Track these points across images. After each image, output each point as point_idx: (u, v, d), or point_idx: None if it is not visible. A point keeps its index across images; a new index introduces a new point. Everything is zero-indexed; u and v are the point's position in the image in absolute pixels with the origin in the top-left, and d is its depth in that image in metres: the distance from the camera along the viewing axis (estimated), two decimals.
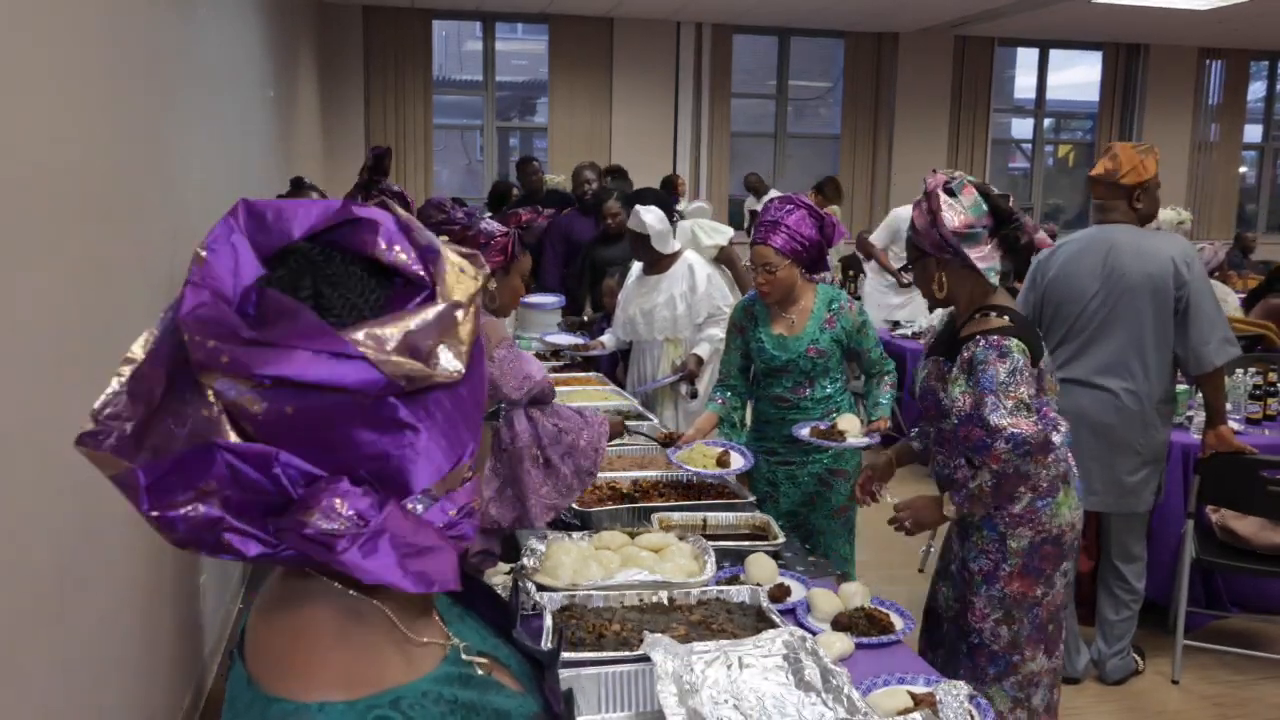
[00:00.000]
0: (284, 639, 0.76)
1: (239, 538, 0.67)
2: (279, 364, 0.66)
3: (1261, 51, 12.40)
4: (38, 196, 1.91)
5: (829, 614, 2.15)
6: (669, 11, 10.30)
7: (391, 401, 0.69)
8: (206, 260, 0.69)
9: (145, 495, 0.68)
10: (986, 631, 2.43)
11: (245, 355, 0.66)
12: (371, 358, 0.67)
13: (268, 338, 0.66)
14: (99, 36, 2.36)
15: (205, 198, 3.35)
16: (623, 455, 3.20)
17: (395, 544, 0.68)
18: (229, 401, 0.68)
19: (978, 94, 11.64)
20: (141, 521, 0.69)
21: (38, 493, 1.87)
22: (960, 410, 2.32)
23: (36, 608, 1.85)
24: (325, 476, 0.68)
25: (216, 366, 0.67)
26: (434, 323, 0.70)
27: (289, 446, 0.68)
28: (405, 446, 0.70)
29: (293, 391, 0.67)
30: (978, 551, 2.43)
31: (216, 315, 0.67)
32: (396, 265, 0.72)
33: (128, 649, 2.43)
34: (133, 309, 2.59)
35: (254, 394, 0.67)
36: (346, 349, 0.66)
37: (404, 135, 10.27)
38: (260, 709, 0.73)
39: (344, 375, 0.67)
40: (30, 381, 1.84)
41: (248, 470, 0.67)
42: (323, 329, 0.66)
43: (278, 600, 0.78)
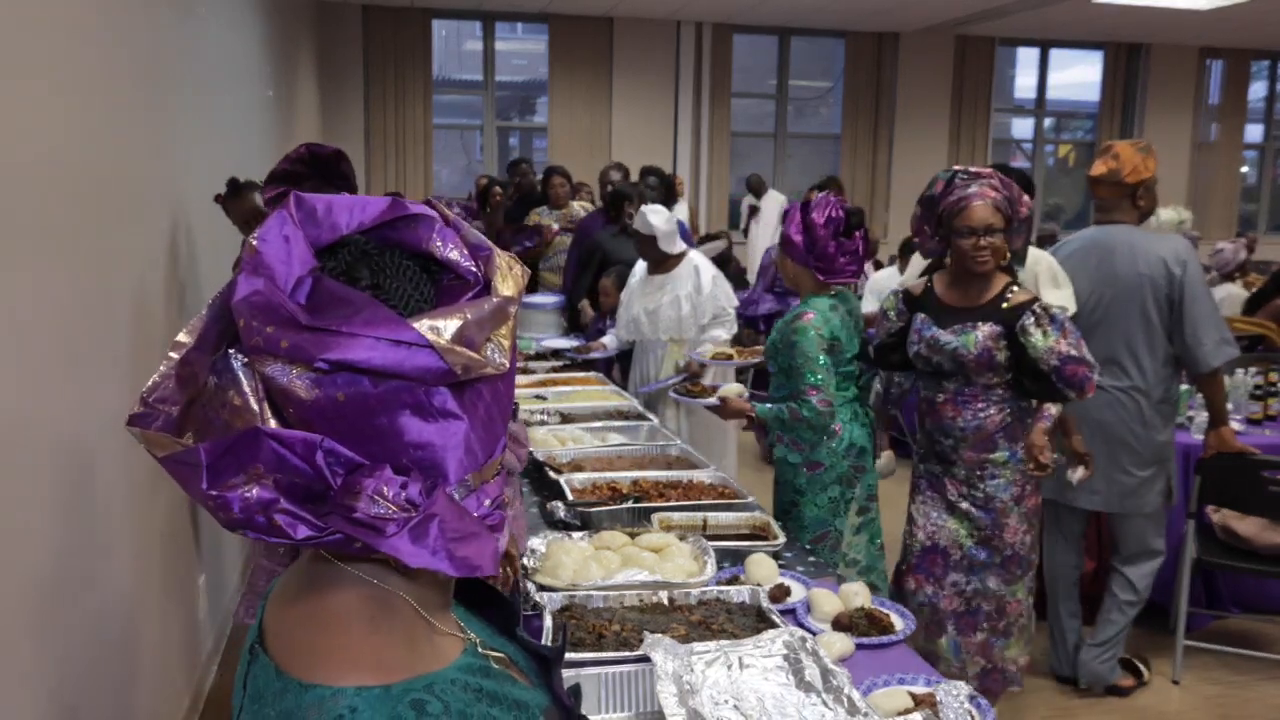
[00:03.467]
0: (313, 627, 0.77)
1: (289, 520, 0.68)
2: (342, 349, 0.68)
3: (1262, 51, 12.40)
4: (36, 196, 1.90)
5: (829, 614, 2.15)
6: (669, 11, 10.30)
7: (443, 391, 0.71)
8: (259, 250, 0.71)
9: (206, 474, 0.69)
10: (1018, 543, 2.85)
11: (306, 341, 0.68)
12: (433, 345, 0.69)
13: (329, 324, 0.68)
14: (98, 36, 2.36)
15: (204, 198, 3.34)
16: (623, 455, 3.20)
17: (443, 529, 0.70)
18: (278, 387, 0.69)
19: (978, 94, 11.64)
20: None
21: (37, 492, 1.87)
22: (1061, 353, 2.70)
23: (35, 608, 1.85)
24: (366, 464, 0.70)
25: (275, 351, 0.69)
26: (488, 316, 0.73)
27: (333, 434, 0.69)
28: (450, 436, 0.72)
29: (350, 377, 0.69)
30: (1005, 483, 2.82)
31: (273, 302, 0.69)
32: (449, 261, 0.75)
33: (127, 650, 2.43)
34: (132, 308, 2.59)
35: (307, 380, 0.69)
36: (412, 337, 0.68)
37: (404, 135, 10.27)
38: (295, 696, 0.73)
39: (406, 362, 0.68)
40: (30, 381, 1.84)
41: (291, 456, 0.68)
42: (390, 317, 0.69)
43: (303, 589, 0.79)
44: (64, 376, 2.02)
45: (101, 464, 2.25)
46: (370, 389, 0.69)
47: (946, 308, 2.88)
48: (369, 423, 0.70)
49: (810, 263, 3.03)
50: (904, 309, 3.00)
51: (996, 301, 2.81)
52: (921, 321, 2.91)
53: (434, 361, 0.69)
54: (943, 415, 2.88)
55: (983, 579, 2.85)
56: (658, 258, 4.51)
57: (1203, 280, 3.30)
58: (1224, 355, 3.24)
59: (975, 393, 2.83)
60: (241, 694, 0.82)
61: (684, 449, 3.29)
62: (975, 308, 2.83)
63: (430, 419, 0.71)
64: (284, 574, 0.86)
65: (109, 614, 2.28)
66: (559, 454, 3.15)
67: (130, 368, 2.54)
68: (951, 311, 2.86)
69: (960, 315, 2.83)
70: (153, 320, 2.78)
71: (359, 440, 0.70)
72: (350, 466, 0.70)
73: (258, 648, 0.80)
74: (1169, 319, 3.27)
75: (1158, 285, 3.25)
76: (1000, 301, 2.80)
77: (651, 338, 4.56)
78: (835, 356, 2.99)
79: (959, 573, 2.86)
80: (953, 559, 2.87)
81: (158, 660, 2.72)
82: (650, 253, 4.51)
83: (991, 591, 2.85)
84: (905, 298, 3.01)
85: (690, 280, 4.49)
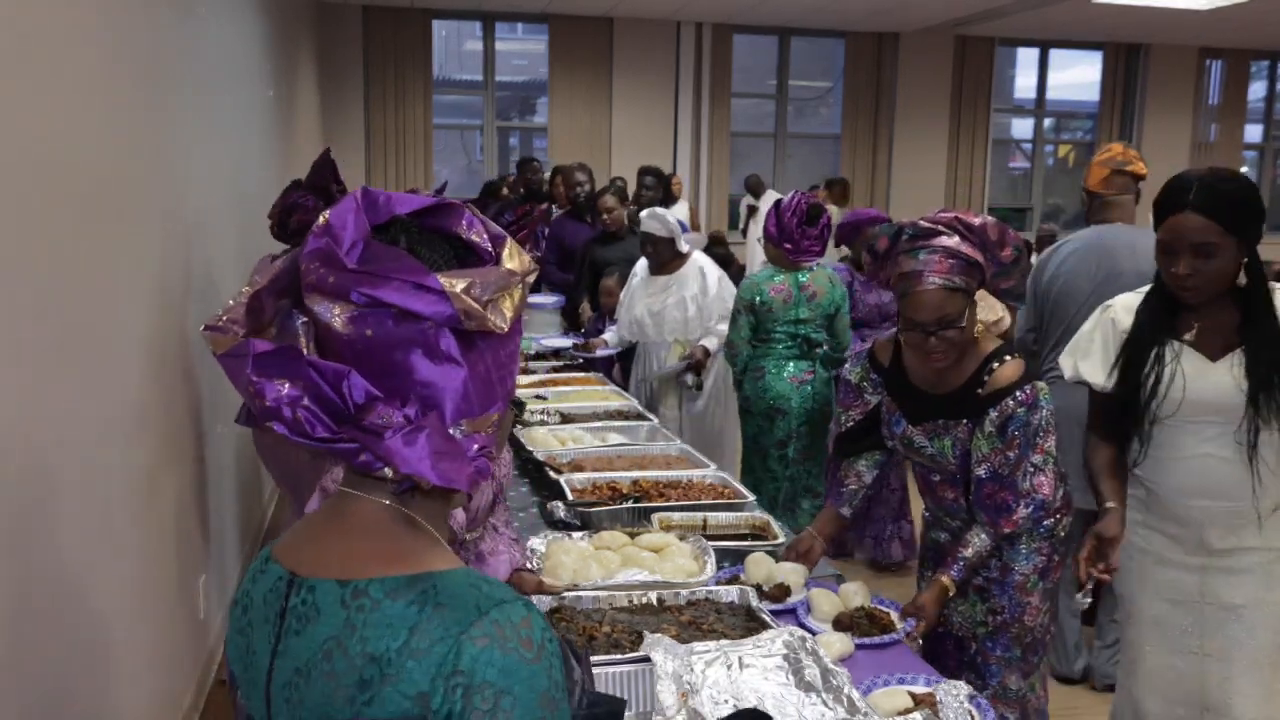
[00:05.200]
0: (346, 540, 0.93)
1: (309, 417, 0.86)
2: (374, 288, 0.86)
3: (1262, 51, 12.39)
4: (36, 196, 1.91)
5: (829, 614, 2.15)
6: (669, 11, 10.30)
7: (449, 337, 0.88)
8: (329, 219, 0.90)
9: (252, 362, 0.86)
10: (1038, 626, 2.37)
11: (348, 279, 0.87)
12: (446, 291, 0.87)
13: (368, 269, 0.87)
14: (98, 37, 2.36)
15: (204, 197, 3.35)
16: (623, 455, 3.20)
17: (430, 442, 0.86)
18: (322, 324, 0.88)
19: (978, 94, 11.63)
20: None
21: (37, 492, 1.87)
22: (990, 468, 2.23)
23: (36, 608, 1.85)
24: (381, 396, 0.87)
25: (323, 287, 0.88)
26: (493, 281, 0.90)
27: (358, 367, 0.87)
28: (450, 379, 0.89)
29: (377, 315, 0.86)
30: (1028, 553, 2.32)
31: (328, 251, 0.88)
32: (471, 242, 0.95)
33: (127, 649, 2.43)
34: (130, 307, 2.59)
35: (344, 317, 0.87)
36: (430, 282, 0.86)
37: (404, 135, 10.27)
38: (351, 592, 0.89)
39: (422, 303, 0.86)
40: (30, 380, 1.84)
41: (322, 382, 0.86)
42: (415, 266, 0.88)
43: (333, 516, 0.96)
44: (64, 376, 2.02)
45: (100, 465, 2.25)
46: (393, 327, 0.86)
47: (916, 393, 2.36)
48: (388, 357, 0.87)
49: (783, 245, 3.92)
50: (878, 380, 2.47)
51: (973, 385, 2.26)
52: (889, 411, 2.43)
53: (445, 306, 0.87)
54: (943, 497, 2.42)
55: (1001, 680, 2.37)
56: (668, 258, 4.47)
57: None
58: None
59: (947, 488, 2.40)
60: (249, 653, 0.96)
61: (684, 449, 3.29)
62: (946, 397, 2.30)
63: (436, 361, 0.88)
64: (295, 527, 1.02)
65: (109, 614, 2.28)
66: (559, 454, 3.15)
67: (130, 367, 2.54)
68: (922, 401, 2.35)
69: (931, 407, 2.32)
70: (153, 320, 2.78)
71: (378, 375, 0.87)
72: (369, 397, 0.86)
73: (297, 580, 0.93)
74: None
75: None
76: (977, 385, 2.25)
77: (655, 339, 4.52)
78: (759, 319, 3.95)
79: (972, 672, 2.38)
80: (967, 653, 2.40)
81: (158, 660, 2.72)
82: (663, 254, 4.47)
83: (1013, 694, 2.38)
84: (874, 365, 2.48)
85: (696, 281, 4.46)
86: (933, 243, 2.17)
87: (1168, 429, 2.22)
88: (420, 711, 0.83)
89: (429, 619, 0.85)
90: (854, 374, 2.54)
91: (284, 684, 0.91)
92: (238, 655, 0.99)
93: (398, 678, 0.84)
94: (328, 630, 0.88)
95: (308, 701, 0.88)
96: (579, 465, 3.07)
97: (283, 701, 0.91)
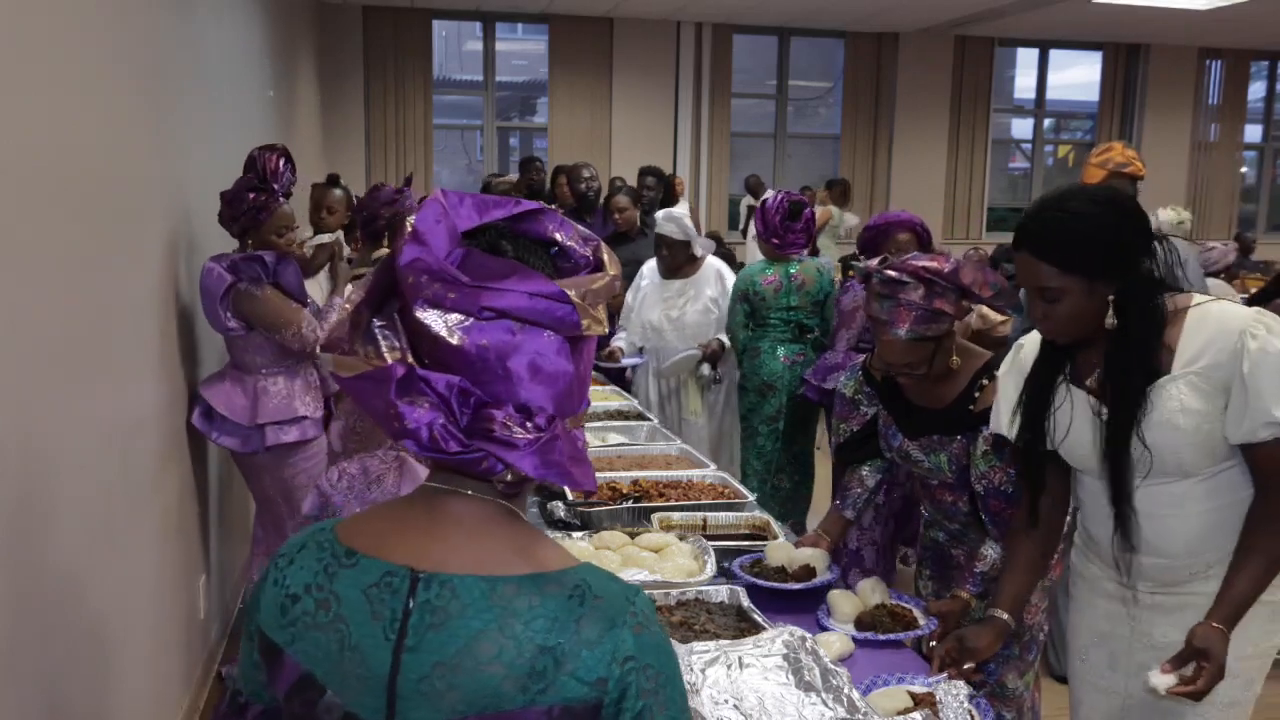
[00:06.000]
0: (462, 536, 0.96)
1: (444, 434, 0.88)
2: (502, 300, 0.89)
3: (1261, 51, 12.39)
4: (36, 196, 1.91)
5: (850, 615, 2.15)
6: (669, 11, 10.30)
7: (564, 342, 0.92)
8: (417, 228, 0.91)
9: (395, 387, 0.89)
10: (1036, 625, 2.37)
11: (472, 295, 0.89)
12: (576, 305, 0.90)
13: (486, 283, 0.89)
14: (99, 37, 2.36)
15: (205, 198, 3.34)
16: (623, 455, 3.20)
17: (562, 450, 0.91)
18: (428, 335, 0.90)
19: (978, 94, 11.63)
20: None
21: (38, 493, 1.87)
22: (990, 486, 2.23)
23: (36, 608, 1.85)
24: (492, 401, 0.90)
25: (442, 303, 0.90)
26: (602, 289, 0.94)
27: (468, 376, 0.90)
28: (561, 382, 0.92)
29: (496, 326, 0.90)
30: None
31: (434, 266, 0.90)
32: (567, 247, 0.98)
33: (127, 649, 2.43)
34: (133, 309, 2.59)
35: (461, 329, 0.89)
36: (555, 293, 0.90)
37: (404, 135, 10.26)
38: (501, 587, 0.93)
39: (548, 313, 0.90)
40: (30, 380, 1.84)
41: (436, 413, 0.89)
42: (538, 277, 0.91)
43: (431, 510, 0.98)
44: (64, 378, 2.02)
45: (101, 465, 2.25)
46: (510, 337, 0.90)
47: (910, 408, 2.39)
48: (503, 365, 0.90)
49: (769, 239, 4.20)
50: (872, 392, 2.52)
51: (964, 401, 2.28)
52: (885, 425, 2.46)
53: (570, 314, 0.90)
54: (942, 501, 2.43)
55: (999, 678, 2.36)
56: (682, 262, 4.40)
57: (1202, 281, 3.30)
58: None
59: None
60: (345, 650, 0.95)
61: (684, 449, 3.29)
62: (941, 411, 2.32)
63: (549, 366, 0.91)
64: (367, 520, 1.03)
65: (109, 614, 2.28)
66: None
67: (129, 368, 2.54)
68: (917, 415, 2.37)
69: (926, 422, 2.35)
70: (153, 319, 2.78)
71: (488, 382, 0.90)
72: (479, 404, 0.89)
73: (425, 575, 0.94)
74: None
75: None
76: (968, 401, 2.28)
77: (677, 345, 4.39)
78: (754, 307, 4.23)
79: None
80: None
81: (158, 660, 2.72)
82: (678, 257, 4.39)
83: (1009, 692, 2.38)
84: (868, 379, 2.54)
85: (715, 285, 4.40)
86: (899, 295, 2.20)
87: (1082, 480, 1.97)
88: (598, 695, 0.92)
89: (592, 611, 0.93)
90: (848, 387, 2.60)
91: (420, 678, 0.93)
92: (321, 654, 0.97)
93: (574, 666, 0.92)
94: (477, 624, 0.92)
95: (463, 692, 0.92)
96: None
97: (418, 695, 0.93)
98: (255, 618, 1.02)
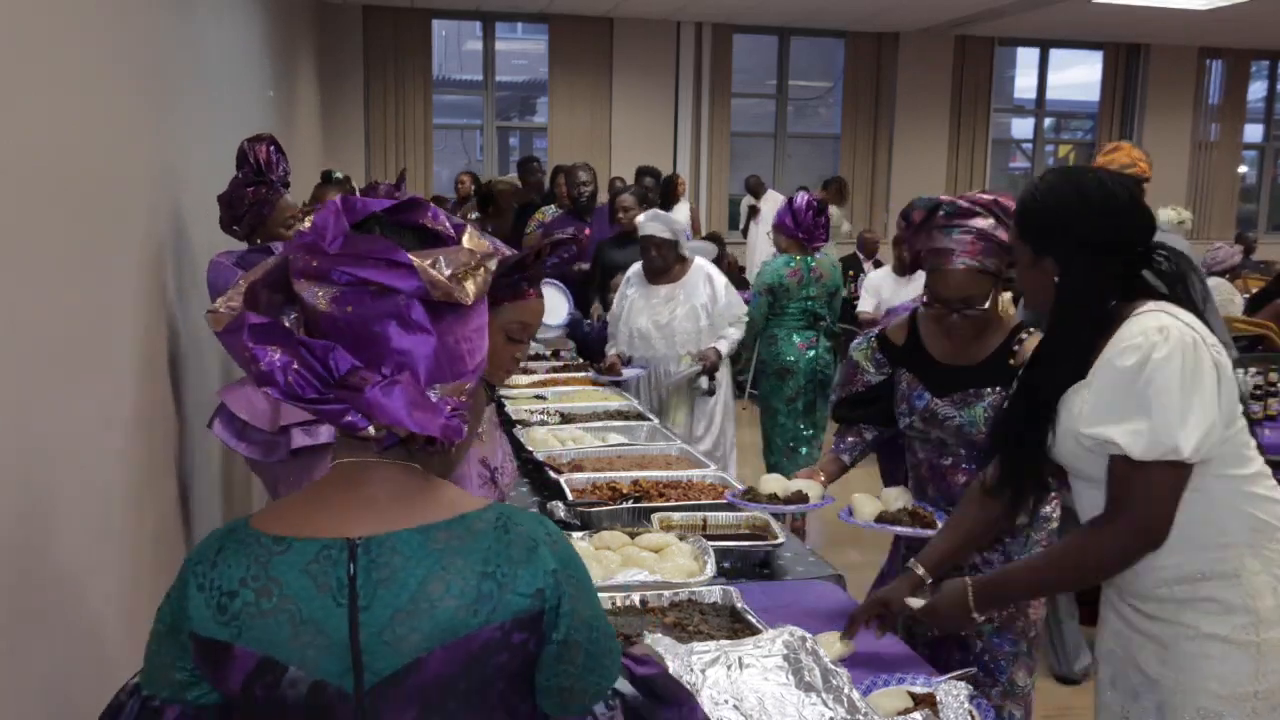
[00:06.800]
0: (386, 499, 1.08)
1: (300, 381, 1.00)
2: (354, 267, 1.01)
3: (1261, 51, 12.39)
4: (34, 196, 1.91)
5: (871, 514, 2.21)
6: (669, 11, 10.30)
7: (419, 307, 1.01)
8: (314, 219, 1.05)
9: (248, 331, 1.00)
10: (1040, 619, 2.36)
11: (331, 262, 1.01)
12: (416, 266, 1.01)
13: (348, 252, 1.01)
14: (98, 36, 2.36)
15: (204, 198, 3.34)
16: (623, 455, 3.20)
17: (405, 394, 1.00)
18: (309, 306, 1.02)
19: (978, 94, 11.63)
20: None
21: (36, 492, 1.87)
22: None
23: (35, 608, 1.85)
24: (362, 366, 1.01)
25: (309, 272, 1.02)
26: (454, 258, 1.04)
27: (341, 342, 1.01)
28: (421, 346, 1.02)
29: (357, 292, 1.00)
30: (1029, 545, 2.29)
31: (313, 241, 1.03)
32: (436, 229, 1.09)
33: (127, 649, 2.43)
34: (129, 309, 2.59)
35: (328, 297, 1.00)
36: (402, 259, 1.01)
37: (404, 135, 10.27)
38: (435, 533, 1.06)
39: (396, 278, 1.00)
40: (30, 380, 1.84)
41: (309, 356, 1.00)
42: (389, 246, 1.02)
43: (346, 484, 1.09)
44: (64, 377, 2.02)
45: (100, 465, 2.25)
46: (370, 302, 1.00)
47: (939, 367, 2.34)
48: (367, 330, 1.01)
49: (798, 235, 4.79)
50: (883, 360, 2.50)
51: (1001, 356, 2.26)
52: (909, 385, 2.40)
53: (414, 279, 1.01)
54: (952, 483, 2.37)
55: (1010, 676, 2.33)
56: (671, 263, 4.26)
57: (1203, 281, 3.28)
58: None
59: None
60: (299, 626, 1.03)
61: (684, 449, 3.29)
62: (975, 367, 2.29)
63: (409, 330, 1.01)
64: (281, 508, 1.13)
65: (109, 614, 2.28)
66: (559, 454, 3.15)
67: (130, 367, 2.54)
68: (947, 373, 2.33)
69: (959, 378, 2.30)
70: (152, 319, 2.77)
71: (359, 346, 1.01)
72: (351, 366, 1.00)
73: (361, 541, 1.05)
74: None
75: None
76: (1005, 355, 2.26)
77: (665, 353, 4.26)
78: (776, 297, 4.80)
79: (980, 670, 2.29)
80: (973, 652, 2.33)
81: None
82: (667, 258, 4.25)
83: (1019, 690, 2.34)
84: (883, 346, 2.51)
85: (704, 290, 4.26)
86: (968, 223, 2.19)
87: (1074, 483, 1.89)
88: (539, 604, 1.06)
89: (516, 537, 1.08)
90: (858, 352, 2.58)
91: (379, 630, 1.03)
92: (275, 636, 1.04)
93: (513, 584, 1.06)
94: (422, 570, 1.04)
95: (423, 631, 1.03)
96: (579, 465, 3.07)
97: (381, 645, 1.03)
98: (185, 626, 1.07)
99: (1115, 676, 1.87)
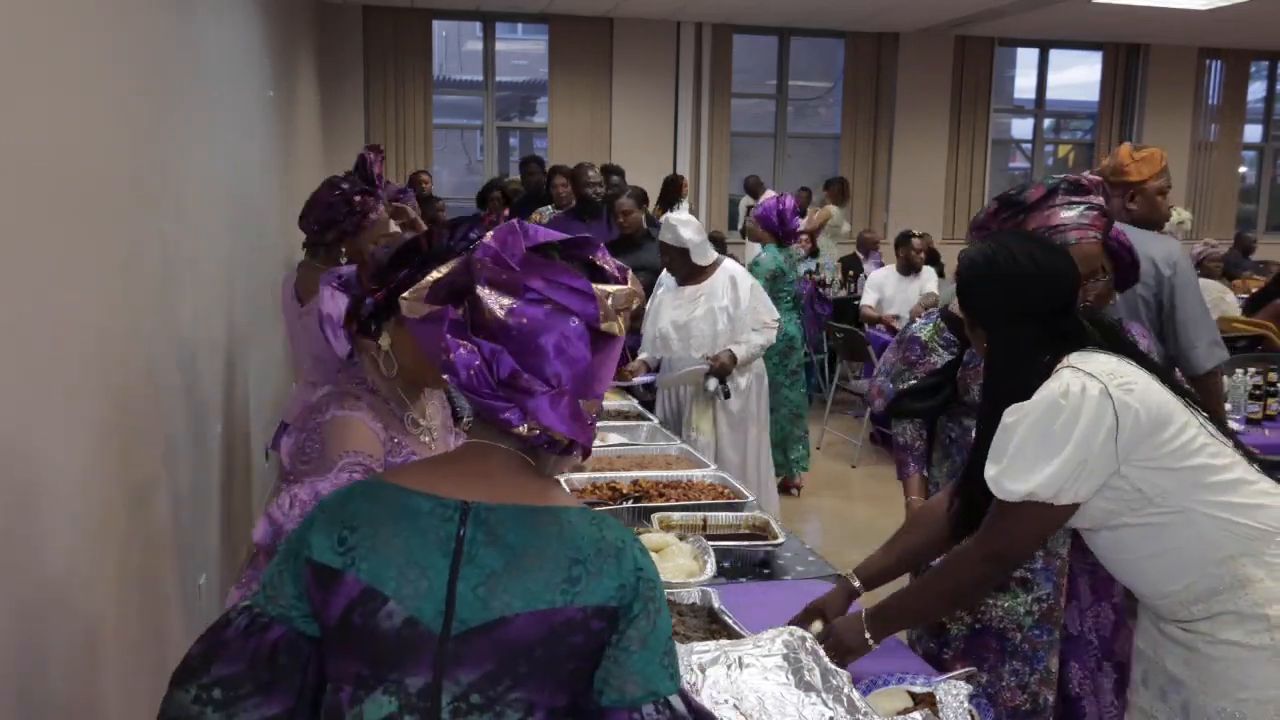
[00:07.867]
0: (503, 478, 1.21)
1: (479, 379, 1.13)
2: (541, 284, 1.15)
3: (1261, 51, 12.39)
4: (35, 197, 1.91)
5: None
6: (669, 11, 10.30)
7: (584, 331, 1.16)
8: (494, 237, 1.19)
9: (449, 325, 1.15)
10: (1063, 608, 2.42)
11: (520, 276, 1.16)
12: (597, 295, 1.17)
13: (535, 270, 1.16)
14: (99, 37, 2.36)
15: (204, 198, 3.35)
16: (623, 455, 3.20)
17: (569, 407, 1.16)
18: (483, 308, 1.14)
19: (978, 94, 11.63)
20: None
21: (37, 492, 1.87)
22: None
23: (35, 608, 1.85)
24: (523, 372, 1.14)
25: (497, 281, 1.16)
26: (621, 297, 1.20)
27: (508, 348, 1.14)
28: (577, 365, 1.16)
29: (535, 308, 1.15)
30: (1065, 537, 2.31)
31: (499, 255, 1.17)
32: (604, 267, 1.24)
33: (127, 649, 2.43)
34: (130, 307, 2.59)
35: (507, 306, 1.14)
36: (585, 286, 1.17)
37: (404, 135, 10.26)
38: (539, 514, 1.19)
39: (576, 303, 1.16)
40: (30, 380, 1.84)
41: (476, 356, 1.14)
42: (575, 273, 1.17)
43: (468, 460, 1.23)
44: (64, 376, 2.02)
45: (100, 464, 2.25)
46: (543, 319, 1.14)
47: None
48: (534, 342, 1.14)
49: (779, 231, 5.68)
50: (952, 339, 2.46)
51: None
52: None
53: (593, 307, 1.16)
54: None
55: (1046, 664, 2.35)
56: (690, 271, 4.17)
57: (1194, 283, 3.25)
58: (1216, 358, 3.18)
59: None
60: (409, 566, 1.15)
61: (684, 449, 3.29)
62: None
63: (570, 348, 1.15)
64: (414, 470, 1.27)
65: (109, 614, 2.28)
66: None
67: (130, 367, 2.54)
68: None
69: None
70: (152, 319, 2.78)
71: (524, 355, 1.14)
72: (511, 371, 1.14)
73: (474, 505, 1.17)
74: (1159, 321, 3.24)
75: (1147, 286, 3.21)
76: None
77: (681, 354, 4.13)
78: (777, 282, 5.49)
79: (1019, 660, 2.32)
80: (1012, 643, 2.33)
81: (158, 660, 2.72)
82: (680, 267, 4.18)
83: (1053, 676, 2.36)
84: (951, 325, 2.46)
85: (727, 292, 4.13)
86: (1091, 199, 2.28)
87: None
88: (619, 600, 1.15)
89: (609, 536, 1.18)
90: (924, 331, 2.55)
91: (475, 585, 1.14)
92: (384, 571, 1.15)
93: (600, 574, 1.15)
94: (520, 541, 1.16)
95: (513, 594, 1.14)
96: (579, 465, 3.07)
97: (474, 599, 1.14)
98: (304, 553, 1.19)
99: (1146, 675, 1.92)
